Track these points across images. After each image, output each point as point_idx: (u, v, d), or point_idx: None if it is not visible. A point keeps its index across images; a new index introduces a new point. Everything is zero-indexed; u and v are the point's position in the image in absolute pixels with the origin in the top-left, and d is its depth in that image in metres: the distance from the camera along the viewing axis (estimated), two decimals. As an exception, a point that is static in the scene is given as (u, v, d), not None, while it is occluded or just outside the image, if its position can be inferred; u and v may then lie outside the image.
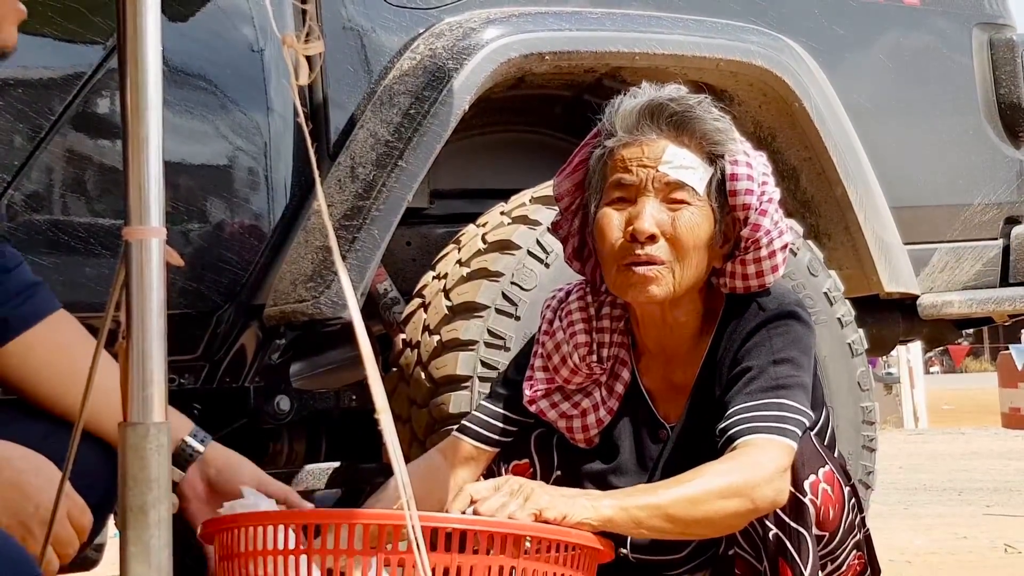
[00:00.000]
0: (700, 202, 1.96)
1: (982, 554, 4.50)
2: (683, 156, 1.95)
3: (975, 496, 6.47)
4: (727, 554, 1.97)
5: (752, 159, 2.00)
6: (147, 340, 1.20)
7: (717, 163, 1.97)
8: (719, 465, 1.84)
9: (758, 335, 1.96)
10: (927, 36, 3.48)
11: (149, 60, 1.20)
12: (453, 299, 2.62)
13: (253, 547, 1.55)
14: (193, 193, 2.56)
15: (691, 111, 1.97)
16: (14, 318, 1.70)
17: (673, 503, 1.78)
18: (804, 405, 1.92)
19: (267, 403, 2.78)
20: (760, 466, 1.83)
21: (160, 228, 1.21)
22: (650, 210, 1.94)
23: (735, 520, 1.84)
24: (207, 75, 2.58)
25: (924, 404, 13.69)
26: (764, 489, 1.82)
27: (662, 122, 1.96)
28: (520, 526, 1.62)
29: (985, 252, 3.51)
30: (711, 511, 1.80)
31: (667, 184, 1.95)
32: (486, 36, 2.70)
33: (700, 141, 1.96)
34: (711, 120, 1.97)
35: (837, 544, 1.97)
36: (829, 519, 1.93)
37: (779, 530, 1.88)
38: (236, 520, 1.59)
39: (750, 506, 1.82)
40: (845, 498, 1.96)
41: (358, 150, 2.64)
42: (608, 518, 1.73)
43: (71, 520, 1.53)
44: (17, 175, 2.39)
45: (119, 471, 1.19)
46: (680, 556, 2.04)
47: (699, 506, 1.79)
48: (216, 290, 2.58)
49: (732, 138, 1.99)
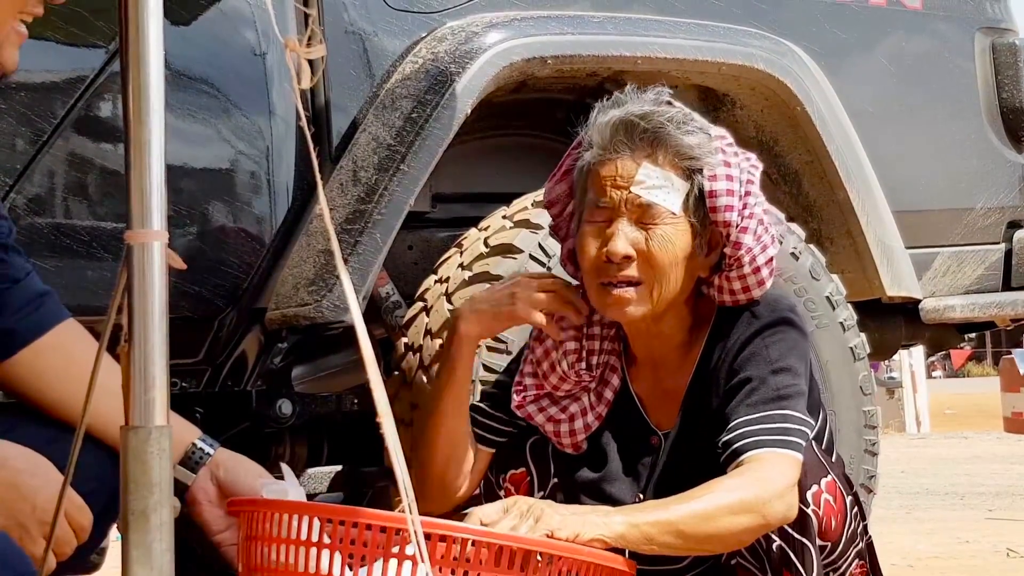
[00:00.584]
0: (676, 219, 1.94)
1: (984, 558, 4.50)
2: (656, 176, 1.93)
3: (977, 500, 6.47)
4: (729, 564, 1.96)
5: (734, 169, 1.96)
6: (149, 344, 1.20)
7: (695, 178, 1.95)
8: (729, 481, 1.84)
9: (753, 344, 1.96)
10: (929, 40, 3.48)
11: (151, 64, 1.20)
12: (455, 303, 2.62)
13: (276, 533, 1.56)
14: (195, 197, 2.56)
15: (663, 128, 1.94)
16: (22, 329, 1.71)
17: (684, 519, 1.78)
18: (806, 414, 1.92)
19: (269, 407, 2.78)
20: (770, 481, 1.82)
21: (162, 232, 1.21)
22: (624, 230, 1.93)
23: (746, 536, 1.84)
24: (209, 79, 2.58)
25: (927, 408, 13.69)
26: (775, 504, 1.82)
27: (636, 138, 1.94)
28: (537, 542, 1.61)
29: (987, 256, 3.51)
30: (722, 527, 1.79)
31: (639, 206, 1.94)
32: (488, 40, 2.70)
33: (674, 158, 1.94)
34: (684, 135, 1.94)
35: (839, 554, 1.96)
36: (831, 529, 1.92)
37: (783, 542, 1.87)
38: (268, 505, 1.61)
39: (761, 521, 1.82)
40: (847, 507, 1.95)
41: (360, 154, 2.64)
42: (620, 534, 1.73)
43: (68, 519, 1.54)
44: (19, 179, 2.39)
45: (121, 475, 1.19)
46: (681, 566, 2.03)
47: (710, 522, 1.79)
48: (218, 294, 2.58)
49: (708, 151, 1.95)
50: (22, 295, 1.72)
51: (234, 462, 1.75)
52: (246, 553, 1.61)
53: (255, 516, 1.60)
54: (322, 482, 2.90)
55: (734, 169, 1.96)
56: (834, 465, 1.99)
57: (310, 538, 1.55)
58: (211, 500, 1.72)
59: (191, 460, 1.73)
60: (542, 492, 2.07)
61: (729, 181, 1.95)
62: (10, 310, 1.70)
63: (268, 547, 1.57)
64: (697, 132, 1.96)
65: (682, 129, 1.95)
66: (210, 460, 1.73)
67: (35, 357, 1.71)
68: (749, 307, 2.00)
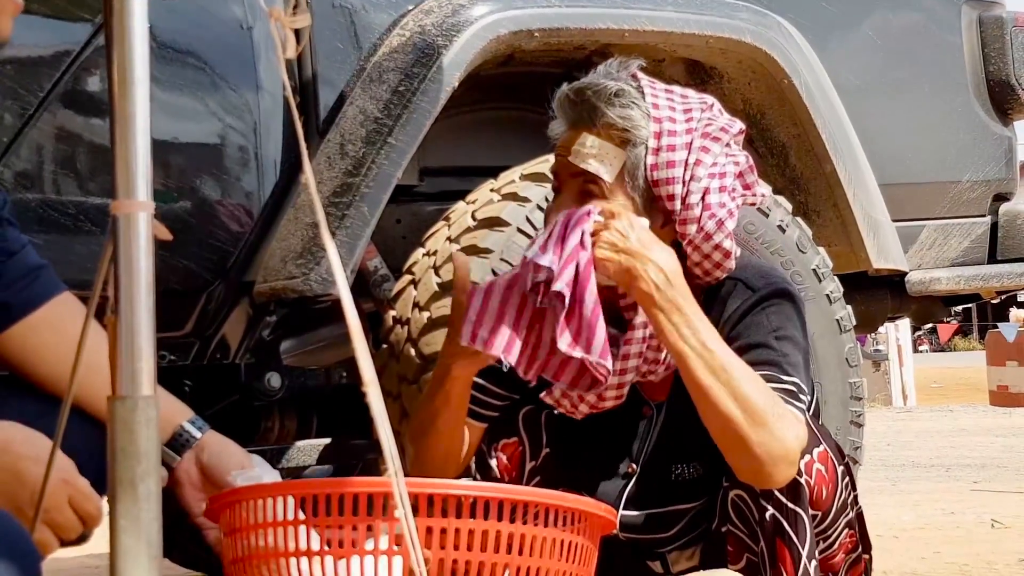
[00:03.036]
0: (613, 192, 1.93)
1: (969, 529, 4.53)
2: (592, 144, 1.94)
3: (962, 472, 6.51)
4: (719, 531, 1.98)
5: (679, 141, 1.94)
6: (135, 314, 1.20)
7: (630, 150, 1.94)
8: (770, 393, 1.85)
9: (753, 314, 1.96)
10: (916, 14, 3.48)
11: (135, 35, 1.20)
12: (443, 276, 2.63)
13: (254, 520, 1.55)
14: (182, 170, 2.56)
15: (592, 100, 1.94)
16: (16, 302, 1.71)
17: (731, 367, 1.82)
18: (805, 384, 1.92)
19: (258, 380, 2.79)
20: (785, 439, 1.83)
21: (148, 202, 1.21)
22: (564, 203, 1.94)
23: (735, 438, 1.83)
24: (197, 52, 2.58)
25: (913, 382, 13.74)
26: (779, 448, 1.82)
27: (580, 109, 1.96)
28: (518, 491, 1.60)
29: (973, 229, 3.52)
30: (741, 407, 1.81)
31: (575, 175, 1.95)
32: (475, 13, 2.69)
33: (608, 129, 1.94)
34: (615, 108, 1.94)
35: (830, 523, 1.97)
36: (822, 499, 1.93)
37: (776, 511, 1.87)
38: (237, 494, 1.60)
39: (758, 442, 1.81)
40: (839, 477, 1.96)
41: (347, 127, 2.64)
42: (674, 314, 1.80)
43: (75, 506, 1.53)
44: (5, 152, 2.39)
45: (108, 445, 1.20)
46: (671, 534, 2.04)
47: (737, 385, 1.81)
48: (206, 267, 2.58)
49: (640, 125, 1.94)
50: (16, 268, 1.72)
51: (219, 447, 1.74)
52: (227, 547, 1.60)
53: (232, 509, 1.58)
54: (311, 455, 2.90)
55: (678, 137, 1.94)
56: (827, 435, 2.00)
57: (287, 517, 1.53)
58: (193, 483, 1.72)
59: (177, 442, 1.72)
60: (534, 462, 2.08)
61: (672, 151, 1.93)
62: (4, 283, 1.70)
63: (248, 536, 1.56)
64: (631, 105, 1.95)
65: (613, 102, 1.94)
66: (196, 443, 1.73)
67: (28, 331, 1.71)
68: (739, 278, 1.99)
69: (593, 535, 1.65)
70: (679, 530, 2.04)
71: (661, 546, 2.07)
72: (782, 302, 1.96)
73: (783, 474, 1.84)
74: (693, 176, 1.93)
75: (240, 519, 1.57)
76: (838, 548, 2.02)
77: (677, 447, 2.03)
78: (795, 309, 1.97)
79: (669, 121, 1.95)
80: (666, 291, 1.83)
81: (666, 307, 1.82)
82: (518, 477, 2.07)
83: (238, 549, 1.57)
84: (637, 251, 1.84)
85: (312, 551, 1.52)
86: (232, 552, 1.59)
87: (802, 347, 1.96)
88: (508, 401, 2.11)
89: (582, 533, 1.62)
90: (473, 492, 1.54)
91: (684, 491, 2.04)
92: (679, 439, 2.02)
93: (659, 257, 1.85)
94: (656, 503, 2.04)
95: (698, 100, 2.00)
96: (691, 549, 2.08)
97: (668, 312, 1.83)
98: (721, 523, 1.96)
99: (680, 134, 1.95)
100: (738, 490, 1.91)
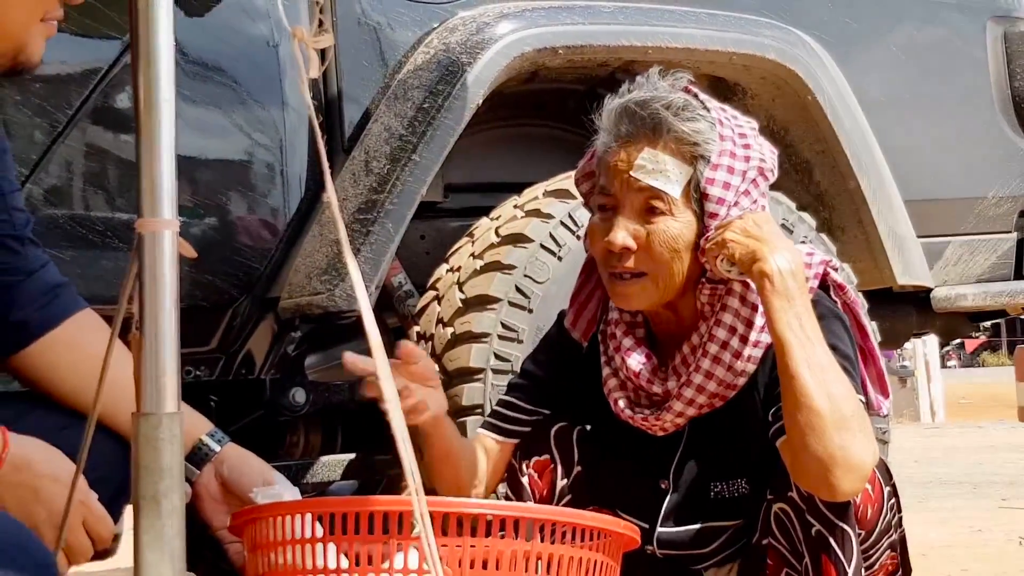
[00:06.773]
0: (679, 207, 1.91)
1: (998, 547, 4.50)
2: (657, 160, 1.91)
3: (991, 489, 6.46)
4: (759, 544, 1.94)
5: (738, 166, 1.92)
6: (160, 331, 1.21)
7: (698, 165, 1.91)
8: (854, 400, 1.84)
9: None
10: (941, 29, 3.48)
11: (161, 55, 1.22)
12: (467, 292, 2.64)
13: (275, 537, 1.56)
14: (208, 187, 2.58)
15: (660, 114, 1.91)
16: (36, 320, 1.72)
17: (829, 364, 1.81)
18: (858, 393, 1.88)
19: (282, 395, 2.80)
20: (865, 451, 1.79)
21: (173, 220, 1.22)
22: (624, 223, 1.92)
23: (817, 433, 1.78)
24: (223, 69, 2.60)
25: (941, 398, 13.66)
26: (853, 471, 1.78)
27: (637, 125, 1.92)
28: (537, 510, 1.60)
29: (999, 245, 3.51)
30: (835, 402, 1.78)
31: (640, 190, 1.91)
32: (500, 30, 2.71)
33: (675, 144, 1.91)
34: (684, 122, 1.91)
35: (872, 543, 1.92)
36: (867, 518, 1.89)
37: (822, 527, 1.83)
38: (259, 511, 1.60)
39: (837, 452, 1.77)
40: (884, 497, 1.92)
41: (372, 144, 2.65)
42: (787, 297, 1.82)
43: (88, 528, 1.54)
44: (35, 169, 2.42)
45: (132, 461, 1.21)
46: (709, 550, 2.01)
47: (831, 384, 1.79)
48: (231, 283, 2.60)
49: (710, 138, 1.92)
50: (37, 287, 1.73)
51: (239, 460, 1.74)
52: (251, 563, 1.60)
53: (255, 526, 1.59)
54: (335, 470, 2.91)
55: (738, 161, 1.93)
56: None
57: (307, 535, 1.54)
58: (213, 496, 1.73)
59: (197, 455, 1.73)
60: (566, 480, 2.06)
61: (729, 174, 1.92)
62: (25, 301, 1.71)
63: (270, 552, 1.56)
64: (699, 119, 1.93)
65: (681, 116, 1.92)
66: (215, 456, 1.73)
67: (48, 348, 1.72)
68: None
69: (615, 553, 1.64)
70: (718, 546, 2.02)
71: (698, 562, 2.04)
72: (831, 319, 1.95)
73: (851, 486, 1.80)
74: (737, 203, 1.92)
75: (262, 536, 1.57)
76: (878, 569, 1.97)
77: (708, 461, 2.01)
78: (844, 328, 1.96)
79: (731, 142, 1.93)
80: (787, 279, 1.84)
81: (782, 292, 1.83)
82: (549, 495, 2.05)
83: (260, 566, 1.58)
84: (767, 239, 1.87)
85: (330, 569, 1.52)
86: (255, 569, 1.59)
87: (853, 359, 1.94)
88: (538, 416, 2.10)
89: (603, 551, 1.61)
90: (492, 511, 1.54)
91: (724, 509, 2.02)
92: (710, 453, 2.00)
93: (787, 249, 1.87)
94: (693, 519, 2.02)
95: (748, 124, 1.99)
96: (728, 566, 2.07)
97: (782, 298, 1.83)
98: (762, 536, 1.92)
99: (740, 159, 1.93)
100: (783, 504, 1.87)
